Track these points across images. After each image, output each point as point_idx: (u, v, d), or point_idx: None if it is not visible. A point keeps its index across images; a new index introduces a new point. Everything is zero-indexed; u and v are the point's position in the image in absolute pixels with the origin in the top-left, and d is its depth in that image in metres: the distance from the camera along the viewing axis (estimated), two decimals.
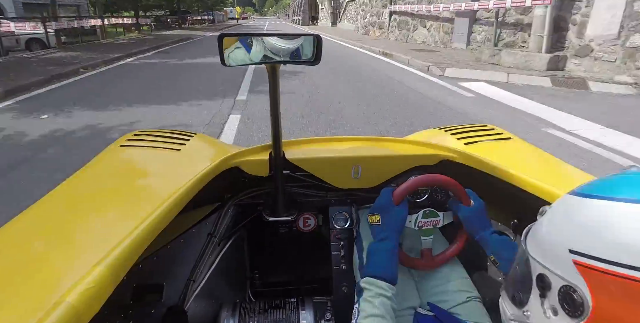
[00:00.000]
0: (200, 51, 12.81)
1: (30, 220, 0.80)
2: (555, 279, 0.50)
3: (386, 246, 0.89)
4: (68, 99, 6.03)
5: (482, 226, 0.95)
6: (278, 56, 0.89)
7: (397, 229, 0.93)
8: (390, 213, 0.93)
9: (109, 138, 4.05)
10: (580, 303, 0.46)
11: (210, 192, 1.03)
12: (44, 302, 0.52)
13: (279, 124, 1.03)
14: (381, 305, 0.78)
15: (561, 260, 0.49)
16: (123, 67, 9.58)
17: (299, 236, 1.32)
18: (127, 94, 6.38)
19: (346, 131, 4.48)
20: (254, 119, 4.83)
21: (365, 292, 0.82)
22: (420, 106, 5.57)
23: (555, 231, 0.52)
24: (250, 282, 1.37)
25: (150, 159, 1.16)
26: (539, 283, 0.53)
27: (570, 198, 0.54)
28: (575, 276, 0.47)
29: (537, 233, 0.56)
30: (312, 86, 6.93)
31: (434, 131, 1.53)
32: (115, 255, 0.63)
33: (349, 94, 6.37)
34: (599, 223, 0.47)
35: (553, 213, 0.56)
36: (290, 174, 1.12)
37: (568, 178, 1.04)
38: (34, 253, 0.68)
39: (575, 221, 0.50)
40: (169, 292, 0.91)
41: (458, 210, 0.98)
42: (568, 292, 0.48)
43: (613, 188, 0.50)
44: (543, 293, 0.52)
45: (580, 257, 0.47)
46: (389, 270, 0.85)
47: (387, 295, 0.81)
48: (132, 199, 0.90)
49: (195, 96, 6.14)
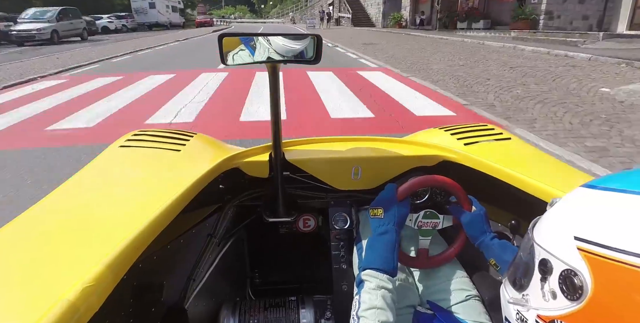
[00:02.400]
0: None
1: (31, 219, 0.81)
2: (557, 263, 0.51)
3: (387, 239, 0.89)
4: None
5: (483, 232, 0.95)
6: (278, 55, 0.89)
7: (399, 223, 0.93)
8: (393, 207, 0.94)
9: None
10: (580, 287, 0.47)
11: (210, 193, 1.04)
12: (45, 300, 0.53)
13: (279, 125, 1.03)
14: (382, 298, 0.78)
15: (565, 246, 0.50)
16: None
17: (299, 237, 1.32)
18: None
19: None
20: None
21: (366, 283, 0.81)
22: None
23: (563, 220, 0.54)
24: (250, 281, 1.37)
25: (150, 159, 1.16)
26: (541, 267, 0.54)
27: (583, 190, 0.56)
28: (577, 262, 0.48)
29: (545, 222, 0.57)
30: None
31: (433, 130, 1.53)
32: (116, 254, 0.64)
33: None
34: (606, 212, 0.49)
35: (563, 203, 0.57)
36: (290, 176, 1.12)
37: (567, 178, 1.05)
38: (35, 252, 0.68)
39: (584, 210, 0.52)
40: (169, 290, 0.91)
41: (459, 214, 0.99)
42: (569, 275, 0.49)
43: (625, 181, 0.51)
44: (544, 277, 0.53)
45: (585, 244, 0.48)
46: (390, 263, 0.85)
47: (388, 287, 0.81)
48: (132, 200, 0.90)
49: None
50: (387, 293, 0.80)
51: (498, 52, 10.98)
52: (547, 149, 3.67)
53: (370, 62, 10.21)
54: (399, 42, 15.45)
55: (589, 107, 5.08)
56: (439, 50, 12.11)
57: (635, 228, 0.45)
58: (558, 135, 4.11)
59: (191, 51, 13.66)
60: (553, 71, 7.70)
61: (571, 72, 7.54)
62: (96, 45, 16.92)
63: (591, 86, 6.29)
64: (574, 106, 5.14)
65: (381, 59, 10.48)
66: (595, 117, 4.65)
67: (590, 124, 4.43)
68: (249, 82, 7.21)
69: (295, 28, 29.38)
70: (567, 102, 5.32)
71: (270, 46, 0.88)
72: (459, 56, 10.44)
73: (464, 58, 10.01)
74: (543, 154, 1.28)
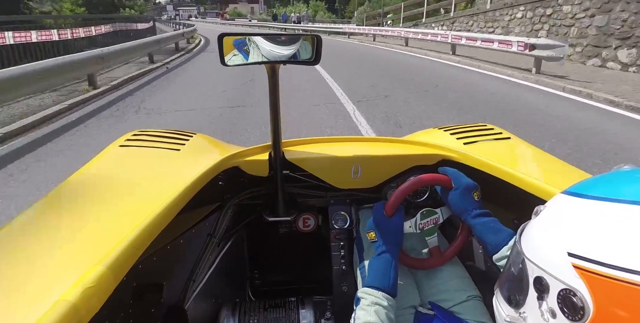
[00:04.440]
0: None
1: (31, 219, 0.80)
2: (553, 282, 0.49)
3: (385, 259, 0.90)
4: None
5: (465, 208, 0.93)
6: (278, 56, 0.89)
7: (395, 241, 0.94)
8: (384, 227, 0.94)
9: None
10: (581, 307, 0.45)
11: (210, 192, 1.03)
12: (45, 300, 0.53)
13: (278, 125, 1.03)
14: (375, 313, 0.80)
15: (560, 263, 0.47)
16: None
17: (299, 236, 1.32)
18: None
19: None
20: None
21: (362, 300, 0.84)
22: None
23: (552, 233, 0.51)
24: (250, 281, 1.37)
25: (150, 159, 1.16)
26: (537, 285, 0.51)
27: (565, 198, 0.53)
28: (574, 280, 0.46)
29: (532, 234, 0.55)
30: None
31: (433, 130, 1.53)
32: (116, 254, 0.63)
33: None
34: (599, 225, 0.46)
35: (549, 213, 0.54)
36: (289, 175, 1.12)
37: (567, 177, 1.04)
38: (34, 252, 0.68)
39: (573, 223, 0.49)
40: (169, 291, 0.91)
41: (442, 196, 1.00)
42: (567, 295, 0.46)
43: (611, 188, 0.48)
44: (541, 295, 0.51)
45: (580, 261, 0.45)
46: (387, 281, 0.86)
47: (382, 304, 0.82)
48: (131, 199, 0.90)
49: None
50: (381, 309, 0.81)
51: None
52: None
53: None
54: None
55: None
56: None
57: (632, 242, 0.42)
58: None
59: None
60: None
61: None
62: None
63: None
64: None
65: None
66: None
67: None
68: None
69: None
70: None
71: (269, 46, 0.87)
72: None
73: None
74: (542, 153, 1.28)
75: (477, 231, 0.91)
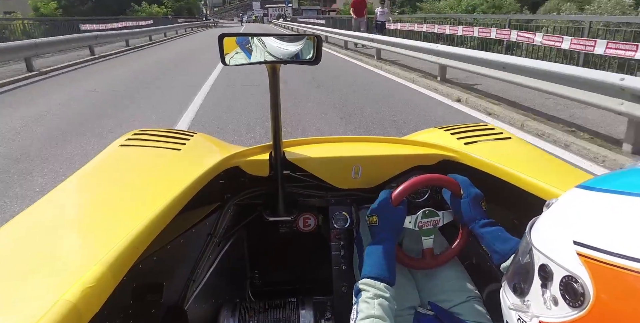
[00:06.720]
0: None
1: (31, 219, 0.80)
2: (557, 269, 0.50)
3: (384, 247, 0.89)
4: None
5: (474, 217, 0.93)
6: (278, 56, 0.89)
7: (395, 230, 0.93)
8: (388, 214, 0.93)
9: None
10: (581, 294, 0.46)
11: (210, 192, 1.03)
12: (45, 300, 0.52)
13: (279, 124, 1.03)
14: (379, 306, 0.78)
15: (565, 251, 0.49)
16: None
17: (299, 236, 1.32)
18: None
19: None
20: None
21: (364, 293, 0.82)
22: None
23: (561, 223, 0.52)
24: (250, 282, 1.37)
25: (151, 158, 1.16)
26: (541, 273, 0.52)
27: (577, 191, 0.54)
28: (577, 267, 0.47)
29: (542, 225, 0.56)
30: None
31: (433, 130, 1.53)
32: (116, 254, 0.63)
33: None
34: (607, 216, 0.47)
35: (560, 205, 0.56)
36: (290, 175, 1.12)
37: (567, 177, 1.04)
38: (34, 252, 0.68)
39: (582, 213, 0.50)
40: (169, 291, 0.91)
41: (451, 202, 0.99)
42: (569, 282, 0.48)
43: (623, 182, 0.49)
44: (544, 283, 0.52)
45: (585, 249, 0.46)
46: (387, 271, 0.85)
47: (385, 296, 0.81)
48: (132, 199, 0.90)
49: None
50: (384, 302, 0.80)
51: None
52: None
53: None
54: None
55: None
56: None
57: (635, 232, 0.43)
58: None
59: None
60: None
61: None
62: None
63: None
64: None
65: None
66: None
67: None
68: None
69: None
70: None
71: (270, 47, 0.87)
72: None
73: None
74: (543, 153, 1.28)
75: (485, 240, 0.90)
